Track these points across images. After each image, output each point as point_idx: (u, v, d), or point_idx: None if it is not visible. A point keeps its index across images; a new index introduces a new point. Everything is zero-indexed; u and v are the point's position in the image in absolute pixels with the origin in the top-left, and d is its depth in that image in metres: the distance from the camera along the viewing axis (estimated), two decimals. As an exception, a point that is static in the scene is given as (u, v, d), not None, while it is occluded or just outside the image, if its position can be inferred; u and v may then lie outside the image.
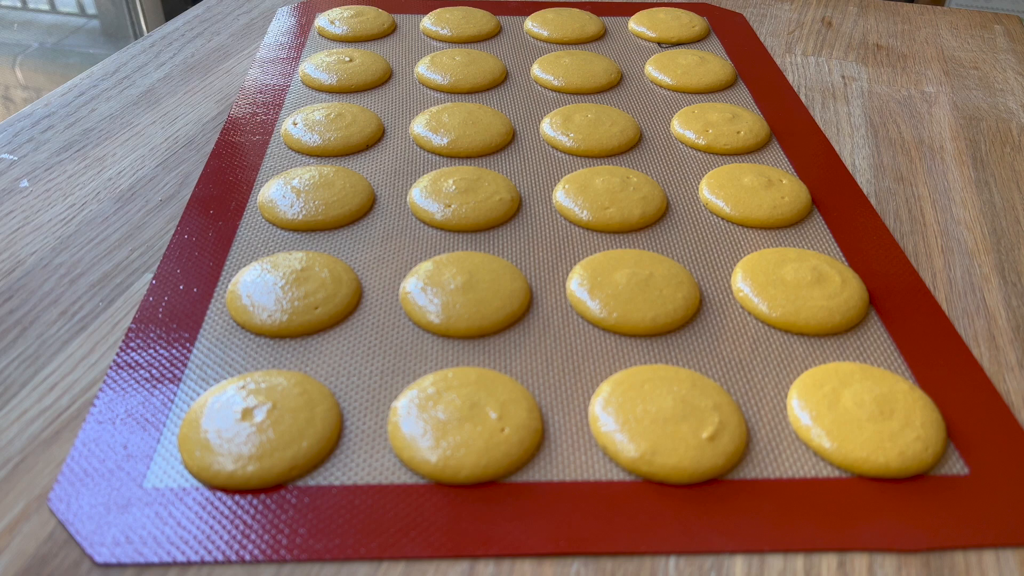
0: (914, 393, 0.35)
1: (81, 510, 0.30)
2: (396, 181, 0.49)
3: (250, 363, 0.37)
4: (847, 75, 0.65)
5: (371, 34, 0.67)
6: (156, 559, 0.29)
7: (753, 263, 0.42)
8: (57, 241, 0.45)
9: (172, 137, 0.54)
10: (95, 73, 0.62)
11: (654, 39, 0.68)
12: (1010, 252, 0.46)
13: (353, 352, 0.37)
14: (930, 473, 0.33)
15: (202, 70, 0.63)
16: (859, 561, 0.30)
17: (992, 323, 0.41)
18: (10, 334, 0.38)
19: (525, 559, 0.29)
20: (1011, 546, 0.30)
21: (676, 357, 0.38)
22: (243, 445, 0.32)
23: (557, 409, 0.35)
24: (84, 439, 0.33)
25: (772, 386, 0.36)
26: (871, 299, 0.41)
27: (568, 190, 0.48)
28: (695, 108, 0.57)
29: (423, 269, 0.41)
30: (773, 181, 0.48)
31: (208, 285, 0.41)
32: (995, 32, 0.73)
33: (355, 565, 0.29)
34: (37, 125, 0.55)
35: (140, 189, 0.49)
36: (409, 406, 0.34)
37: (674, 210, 0.48)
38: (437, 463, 0.32)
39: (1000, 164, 0.54)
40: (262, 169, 0.50)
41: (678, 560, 0.30)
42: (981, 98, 0.62)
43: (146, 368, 0.36)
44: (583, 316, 0.40)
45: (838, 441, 0.33)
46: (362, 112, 0.55)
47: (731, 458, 0.32)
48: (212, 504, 0.31)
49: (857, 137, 0.56)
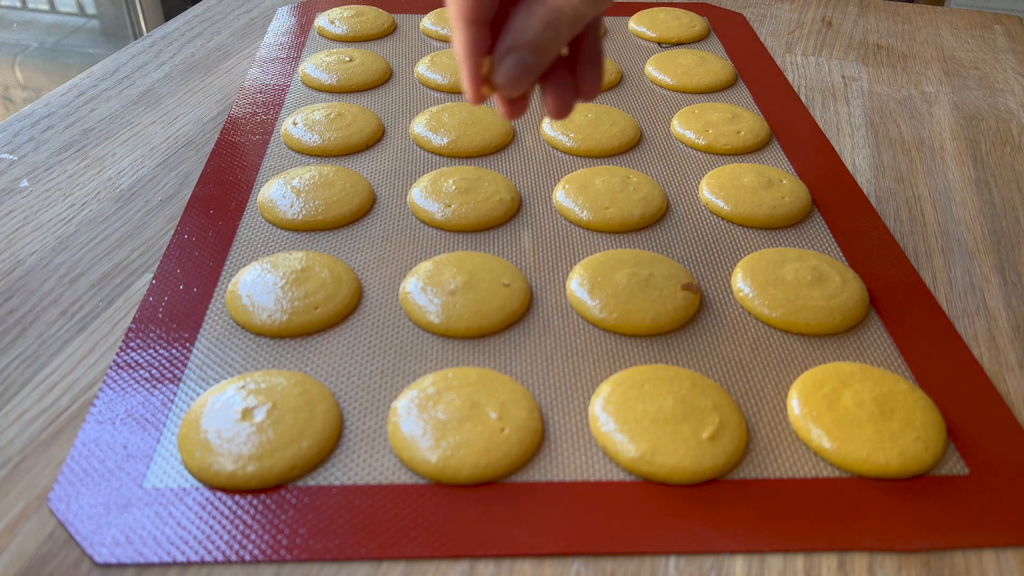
0: (914, 393, 0.35)
1: (81, 510, 0.30)
2: (396, 181, 0.49)
3: (250, 363, 0.37)
4: (847, 75, 0.65)
5: (371, 34, 0.67)
6: (156, 559, 0.29)
7: (753, 263, 0.42)
8: (57, 241, 0.45)
9: (172, 137, 0.54)
10: (95, 73, 0.62)
11: (654, 39, 0.68)
12: (1010, 252, 0.46)
13: (353, 352, 0.37)
14: (930, 473, 0.33)
15: (202, 70, 0.63)
16: (859, 561, 0.30)
17: (992, 323, 0.41)
18: (10, 334, 0.38)
19: (525, 559, 0.29)
20: (1011, 546, 0.30)
21: (676, 357, 0.38)
22: (243, 445, 0.32)
23: (557, 409, 0.35)
24: (84, 439, 0.33)
25: (772, 386, 0.36)
26: (871, 299, 0.41)
27: (568, 190, 0.48)
28: (695, 108, 0.57)
29: (423, 269, 0.41)
30: (773, 181, 0.48)
31: (208, 285, 0.41)
32: (995, 32, 0.73)
33: (355, 565, 0.29)
34: (37, 125, 0.55)
35: (140, 189, 0.49)
36: (409, 406, 0.34)
37: (674, 210, 0.48)
38: (437, 463, 0.32)
39: (1000, 164, 0.54)
40: (262, 169, 0.50)
41: (678, 560, 0.30)
42: (981, 98, 0.62)
43: (146, 368, 0.36)
44: (583, 316, 0.40)
45: (838, 441, 0.33)
46: (362, 112, 0.55)
47: (731, 458, 0.32)
48: (212, 504, 0.31)
49: (857, 137, 0.56)
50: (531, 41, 0.30)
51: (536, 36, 0.29)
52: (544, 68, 0.31)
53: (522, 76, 0.30)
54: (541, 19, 0.29)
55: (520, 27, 0.30)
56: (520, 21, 0.30)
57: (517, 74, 0.30)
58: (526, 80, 0.31)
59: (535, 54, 0.30)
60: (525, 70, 0.30)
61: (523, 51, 0.30)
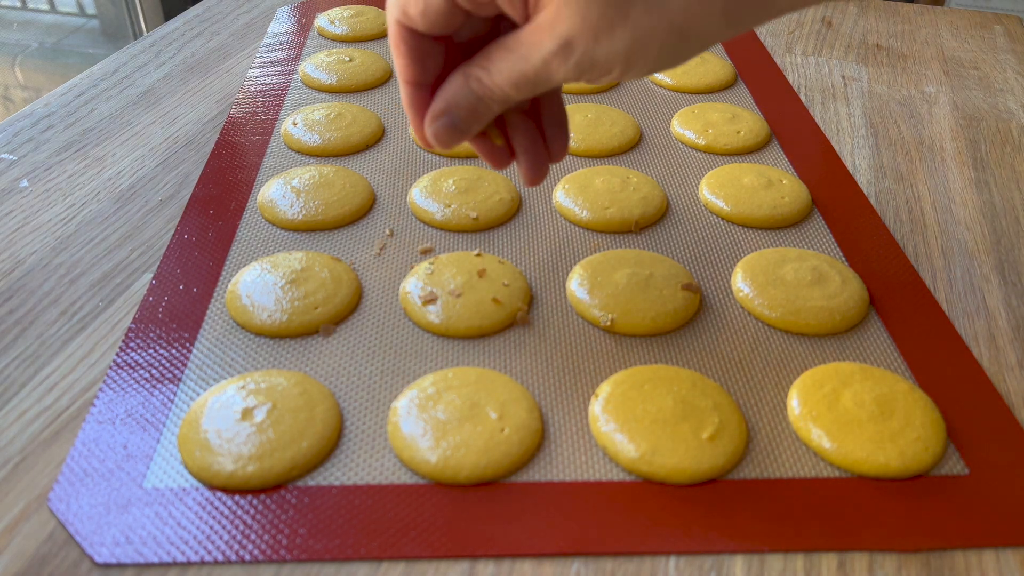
0: (914, 393, 0.35)
1: (81, 510, 0.30)
2: (396, 181, 0.49)
3: (250, 363, 0.37)
4: (847, 75, 0.65)
5: (371, 34, 0.67)
6: (156, 559, 0.29)
7: (753, 263, 0.42)
8: (57, 241, 0.45)
9: (172, 137, 0.54)
10: (95, 73, 0.62)
11: (654, 39, 0.68)
12: (1010, 252, 0.46)
13: (353, 352, 0.37)
14: (930, 473, 0.33)
15: (202, 70, 0.63)
16: (859, 561, 0.30)
17: (992, 323, 0.41)
18: (10, 334, 0.38)
19: (525, 559, 0.29)
20: (1011, 546, 0.30)
21: (676, 357, 0.38)
22: (243, 445, 0.32)
23: (557, 409, 0.35)
24: (84, 439, 0.33)
25: (772, 386, 0.36)
26: (871, 299, 0.41)
27: (568, 190, 0.48)
28: (695, 108, 0.57)
29: (423, 269, 0.41)
30: (773, 181, 0.48)
31: (208, 285, 0.41)
32: (995, 32, 0.73)
33: (355, 565, 0.29)
34: (37, 125, 0.55)
35: (140, 189, 0.49)
36: (409, 406, 0.34)
37: (674, 210, 0.48)
38: (437, 463, 0.32)
39: (1000, 164, 0.54)
40: (262, 169, 0.50)
41: (678, 560, 0.30)
42: (981, 98, 0.62)
43: (146, 368, 0.36)
44: (583, 316, 0.40)
45: (838, 441, 0.33)
46: (362, 112, 0.55)
47: (731, 458, 0.32)
48: (212, 504, 0.31)
49: (857, 137, 0.56)
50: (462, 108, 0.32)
51: (468, 105, 0.31)
52: (472, 133, 0.33)
53: (450, 137, 0.33)
54: (475, 92, 0.31)
55: (454, 93, 0.32)
56: (454, 87, 0.32)
57: (445, 135, 0.33)
58: (455, 139, 0.33)
59: (465, 120, 0.32)
60: (453, 131, 0.32)
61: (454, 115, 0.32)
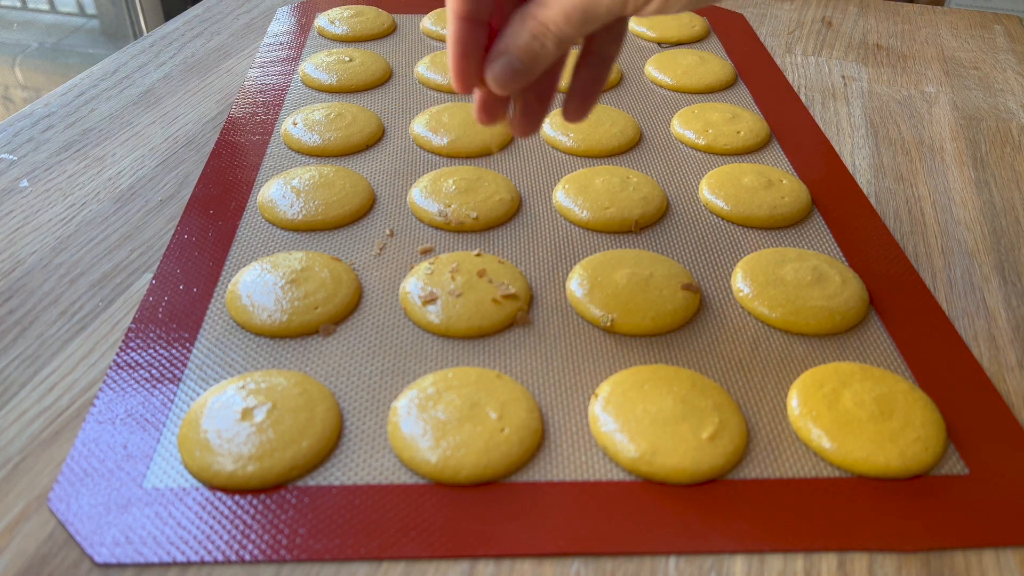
0: (914, 393, 0.35)
1: (81, 510, 0.30)
2: (396, 181, 0.49)
3: (250, 363, 0.37)
4: (847, 75, 0.65)
5: (371, 34, 0.67)
6: (156, 559, 0.29)
7: (753, 263, 0.42)
8: (57, 241, 0.45)
9: (172, 137, 0.54)
10: (95, 73, 0.62)
11: (654, 39, 0.68)
12: (1010, 252, 0.46)
13: (353, 352, 0.37)
14: (930, 473, 0.33)
15: (202, 70, 0.63)
16: (859, 561, 0.30)
17: (992, 323, 0.41)
18: (10, 334, 0.38)
19: (525, 559, 0.29)
20: (1011, 546, 0.30)
21: (676, 357, 0.38)
22: (243, 445, 0.32)
23: (557, 409, 0.35)
24: (84, 439, 0.33)
25: (772, 386, 0.36)
26: (871, 299, 0.41)
27: (568, 190, 0.48)
28: (695, 108, 0.57)
29: (423, 269, 0.41)
30: (773, 181, 0.48)
31: (208, 285, 0.41)
32: (995, 32, 0.73)
33: (355, 565, 0.29)
34: (37, 125, 0.55)
35: (140, 189, 0.49)
36: (409, 406, 0.34)
37: (674, 210, 0.48)
38: (437, 463, 0.32)
39: (1000, 164, 0.54)
40: (262, 169, 0.50)
41: (678, 560, 0.30)
42: (981, 98, 0.62)
43: (146, 368, 0.36)
44: (583, 316, 0.40)
45: (838, 441, 0.33)
46: (362, 112, 0.55)
47: (731, 458, 0.32)
48: (212, 504, 0.31)
49: (857, 137, 0.56)
50: (520, 48, 0.32)
51: (525, 45, 0.32)
52: (533, 76, 0.33)
53: (510, 78, 0.32)
54: (530, 30, 0.31)
55: (512, 33, 0.32)
56: (513, 27, 0.32)
57: (505, 76, 0.32)
58: (514, 83, 0.33)
59: (523, 61, 0.32)
60: (513, 73, 0.32)
61: (512, 56, 0.32)
